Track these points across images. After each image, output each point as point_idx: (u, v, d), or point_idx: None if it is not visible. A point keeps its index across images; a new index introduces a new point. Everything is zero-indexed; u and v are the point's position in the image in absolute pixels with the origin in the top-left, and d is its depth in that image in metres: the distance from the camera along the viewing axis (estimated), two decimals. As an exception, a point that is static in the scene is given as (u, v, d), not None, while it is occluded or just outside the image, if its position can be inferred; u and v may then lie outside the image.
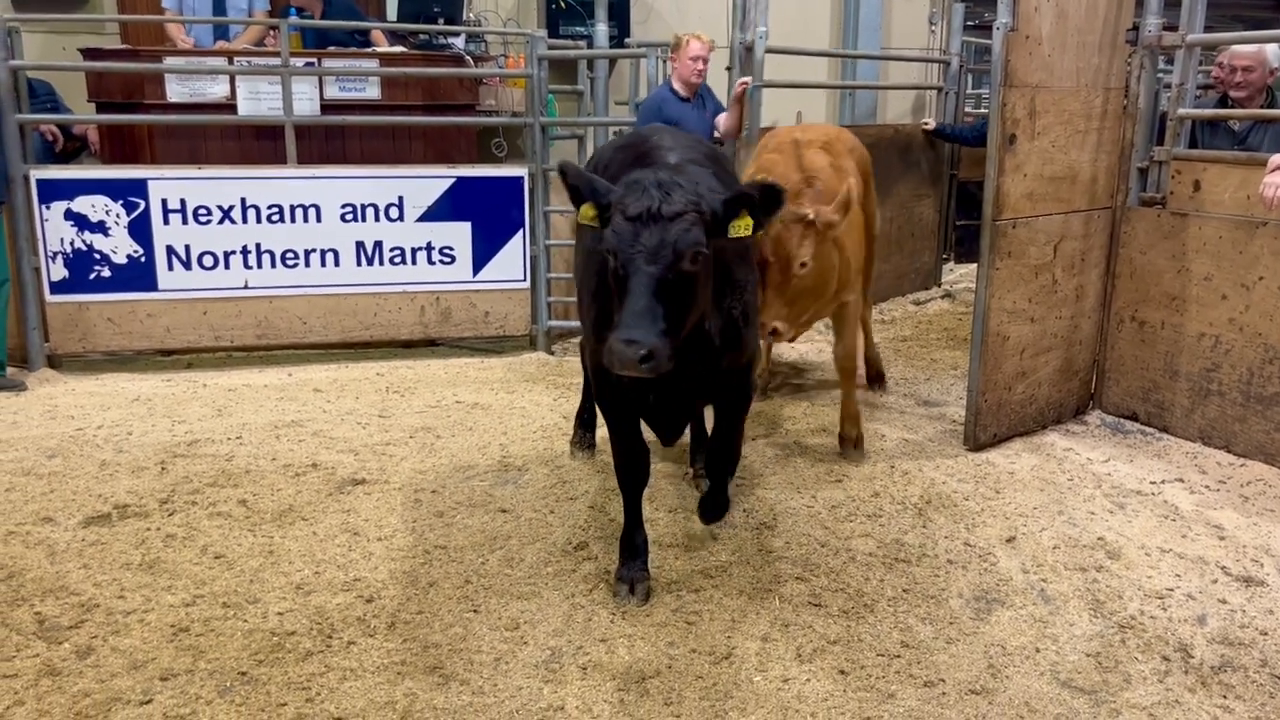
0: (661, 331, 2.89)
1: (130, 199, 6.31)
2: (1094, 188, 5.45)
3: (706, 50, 6.21)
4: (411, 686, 3.14)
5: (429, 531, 4.20)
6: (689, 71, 6.26)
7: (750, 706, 3.08)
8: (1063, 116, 5.11)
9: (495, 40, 9.15)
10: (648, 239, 2.96)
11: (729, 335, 3.46)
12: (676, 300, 2.98)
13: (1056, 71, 5.00)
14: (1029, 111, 4.92)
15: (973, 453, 5.16)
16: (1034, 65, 4.90)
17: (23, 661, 3.24)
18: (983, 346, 5.07)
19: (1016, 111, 4.88)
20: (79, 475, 4.72)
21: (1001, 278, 5.03)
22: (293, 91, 6.55)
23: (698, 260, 3.01)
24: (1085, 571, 3.96)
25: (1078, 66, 5.12)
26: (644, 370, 2.85)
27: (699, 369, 3.41)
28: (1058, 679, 3.26)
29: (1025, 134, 4.94)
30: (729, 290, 3.43)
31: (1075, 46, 5.07)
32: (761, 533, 4.24)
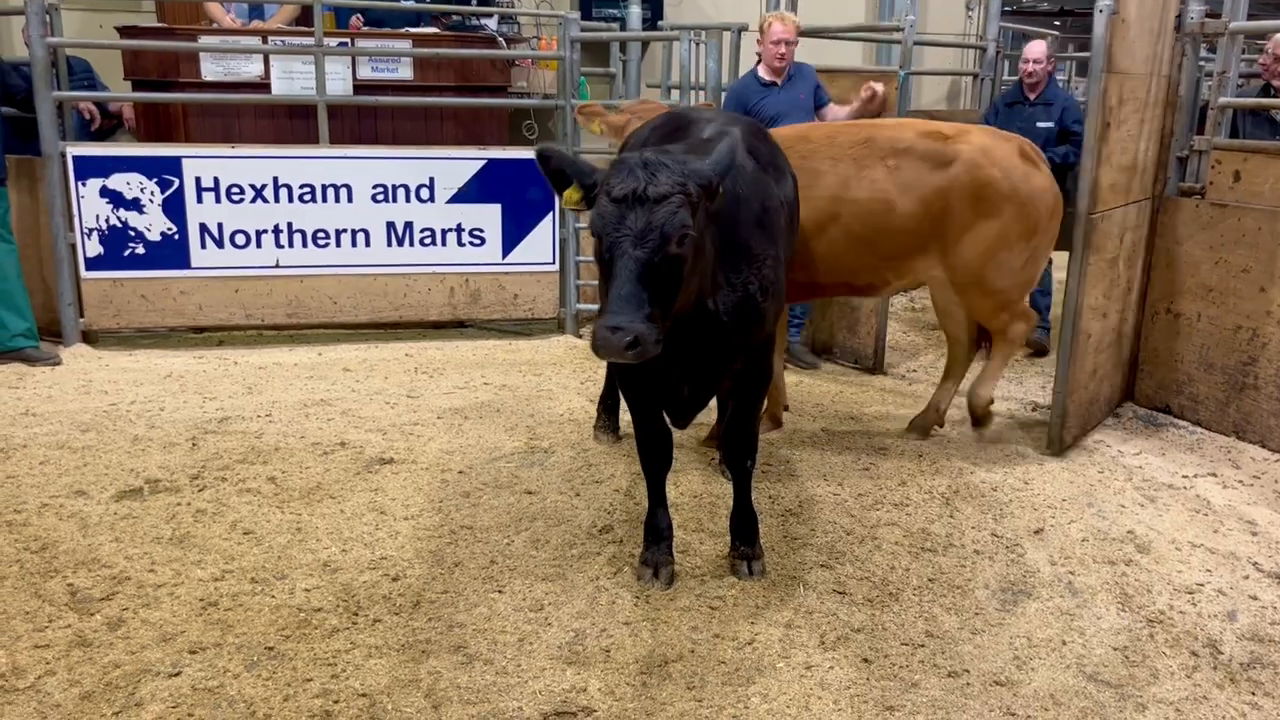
0: (647, 316, 2.82)
1: (165, 177, 6.37)
2: (1145, 177, 5.37)
3: (790, 32, 5.97)
4: (435, 665, 3.17)
5: (455, 511, 4.22)
6: (771, 55, 6.02)
7: (773, 693, 3.08)
8: (1136, 105, 5.05)
9: (528, 22, 9.13)
10: (633, 221, 2.88)
11: (743, 311, 3.35)
12: (663, 284, 2.89)
13: (1137, 58, 4.97)
14: (1119, 99, 4.83)
15: (1054, 458, 4.97)
16: (1124, 51, 4.79)
17: (55, 632, 3.29)
18: (1072, 346, 4.88)
19: (1111, 99, 4.73)
20: (112, 449, 4.78)
21: (1090, 274, 4.83)
22: (326, 71, 6.58)
23: (685, 243, 2.91)
24: (1114, 565, 3.92)
25: (1145, 54, 5.06)
26: (630, 357, 2.79)
27: (709, 347, 3.35)
28: (1084, 672, 3.24)
29: (1115, 123, 4.84)
30: (745, 263, 3.33)
31: (1146, 33, 5.01)
32: (787, 520, 4.23)
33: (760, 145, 3.81)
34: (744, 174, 3.41)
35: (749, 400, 3.75)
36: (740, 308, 3.34)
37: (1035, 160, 4.76)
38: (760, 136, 3.95)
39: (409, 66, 7.13)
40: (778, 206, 3.63)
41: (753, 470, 3.83)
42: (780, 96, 6.06)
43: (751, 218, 3.34)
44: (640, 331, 2.78)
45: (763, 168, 3.65)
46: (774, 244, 3.51)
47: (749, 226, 3.35)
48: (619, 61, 8.63)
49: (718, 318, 3.28)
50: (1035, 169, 4.71)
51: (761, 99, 6.05)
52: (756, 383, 3.73)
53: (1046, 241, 4.81)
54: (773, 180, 3.70)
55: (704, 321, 3.26)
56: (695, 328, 3.24)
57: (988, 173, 4.60)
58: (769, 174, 3.69)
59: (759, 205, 3.46)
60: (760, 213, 3.42)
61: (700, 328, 3.26)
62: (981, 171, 4.61)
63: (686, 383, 3.50)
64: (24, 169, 6.43)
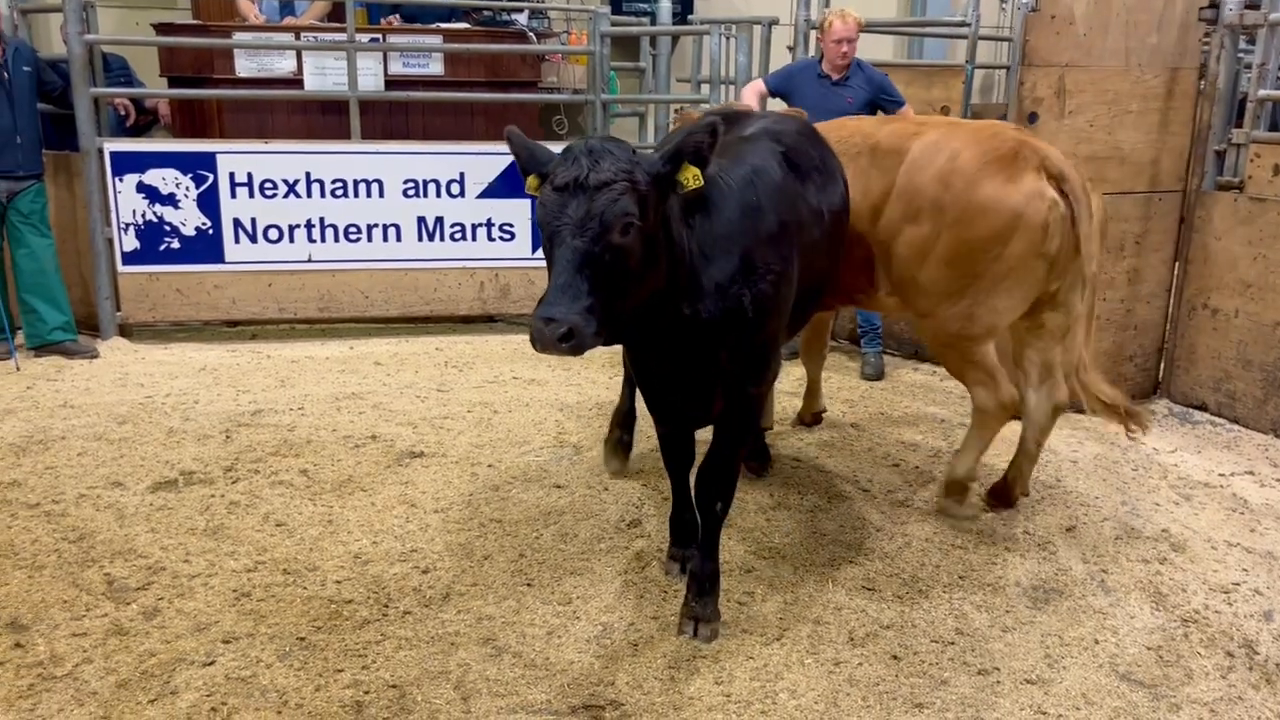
0: (586, 309, 2.64)
1: (199, 172, 6.44)
2: (1154, 170, 5.34)
3: (851, 30, 5.76)
4: (465, 657, 3.19)
5: (485, 505, 4.24)
6: (834, 54, 5.80)
7: (801, 689, 3.07)
8: (1104, 96, 5.22)
9: (558, 17, 9.14)
10: (574, 210, 2.72)
11: (730, 323, 3.09)
12: (606, 275, 2.70)
13: (1094, 51, 5.16)
14: (1055, 90, 5.10)
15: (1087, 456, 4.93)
16: (1063, 45, 5.13)
17: (92, 621, 3.34)
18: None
19: (1038, 90, 5.14)
20: (148, 441, 4.85)
21: None
22: (358, 67, 6.62)
23: (629, 232, 2.72)
24: (1148, 563, 3.88)
25: (1126, 46, 5.18)
26: (565, 350, 2.62)
27: (694, 357, 3.14)
28: (1116, 671, 3.21)
29: (1051, 113, 5.11)
30: (741, 274, 3.09)
31: (1122, 26, 5.13)
32: (815, 515, 4.22)
33: (806, 149, 3.66)
34: (763, 181, 3.25)
35: (727, 436, 3.38)
36: (727, 318, 3.09)
37: (1019, 168, 3.73)
38: (808, 139, 3.76)
39: (440, 62, 7.15)
40: (805, 221, 3.44)
41: (723, 516, 3.41)
42: (830, 93, 5.85)
43: (759, 228, 3.13)
44: (575, 324, 2.60)
45: (801, 175, 3.49)
46: (784, 260, 3.23)
47: (753, 236, 3.13)
48: (649, 56, 8.62)
49: (698, 324, 3.06)
50: (1002, 179, 3.71)
51: (810, 90, 5.83)
52: (740, 416, 3.36)
53: (1007, 273, 3.73)
54: (811, 189, 3.53)
55: (684, 328, 3.05)
56: (675, 334, 3.05)
57: (916, 178, 3.86)
58: (808, 181, 3.53)
59: (774, 218, 3.22)
60: (776, 226, 3.20)
61: (681, 335, 3.06)
62: (914, 175, 3.88)
63: (677, 394, 3.32)
64: (62, 164, 6.53)
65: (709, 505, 3.39)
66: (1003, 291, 3.77)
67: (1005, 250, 3.68)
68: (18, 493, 4.26)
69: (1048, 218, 3.67)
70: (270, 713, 2.90)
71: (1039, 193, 3.67)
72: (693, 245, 3.01)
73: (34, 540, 3.87)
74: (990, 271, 3.72)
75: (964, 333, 3.86)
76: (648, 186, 2.79)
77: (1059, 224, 3.70)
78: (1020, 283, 3.77)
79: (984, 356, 3.92)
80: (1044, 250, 3.70)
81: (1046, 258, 3.73)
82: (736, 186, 3.16)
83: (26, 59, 6.05)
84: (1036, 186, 3.68)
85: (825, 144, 3.91)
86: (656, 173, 2.82)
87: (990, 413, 3.98)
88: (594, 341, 2.68)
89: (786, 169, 3.42)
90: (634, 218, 2.73)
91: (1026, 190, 3.67)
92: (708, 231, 3.05)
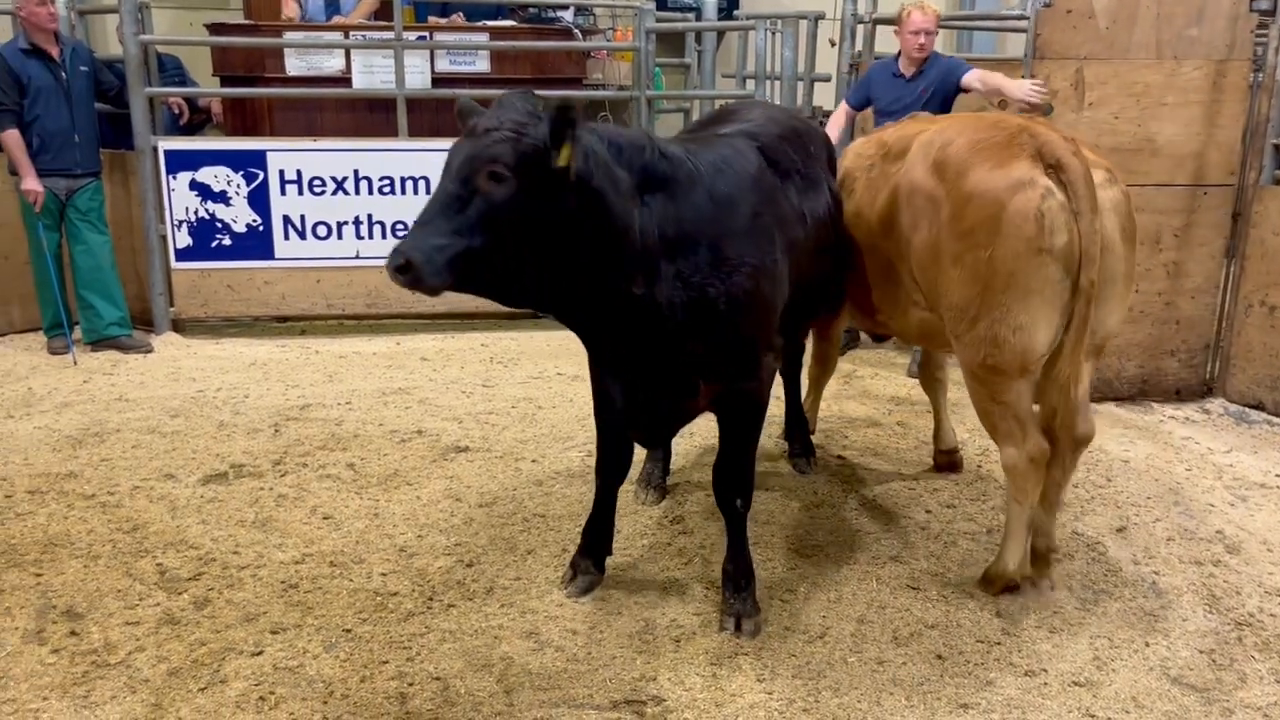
0: (435, 247, 2.60)
1: (250, 170, 6.54)
2: (1197, 163, 5.29)
3: (930, 22, 5.62)
4: (508, 650, 3.21)
5: (528, 499, 4.26)
6: (911, 46, 5.67)
7: (844, 687, 3.05)
8: (1131, 88, 5.23)
9: (604, 13, 9.15)
10: (456, 153, 2.72)
11: (699, 315, 3.02)
12: (466, 221, 2.65)
13: (1118, 44, 5.20)
14: (1073, 83, 5.19)
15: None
16: (1081, 38, 5.19)
17: (145, 610, 3.41)
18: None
19: (1053, 83, 5.21)
20: (199, 435, 4.93)
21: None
22: (405, 65, 6.68)
23: (498, 181, 2.65)
24: (1201, 565, 3.80)
25: (1158, 39, 5.19)
26: (401, 282, 2.61)
27: (653, 346, 3.07)
28: (1168, 675, 3.15)
29: (1068, 105, 5.19)
30: (709, 264, 3.02)
31: (1152, 19, 5.17)
32: (859, 513, 4.19)
33: (787, 150, 3.57)
34: (735, 172, 3.19)
35: (732, 433, 3.35)
36: (694, 309, 3.02)
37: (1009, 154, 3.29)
38: (792, 140, 3.65)
39: (486, 59, 7.20)
40: (786, 218, 3.37)
41: (745, 512, 3.39)
42: (904, 90, 5.72)
43: (731, 219, 3.08)
44: (414, 259, 2.58)
45: (781, 173, 3.45)
46: (762, 254, 3.14)
47: (723, 226, 3.06)
48: (694, 52, 8.61)
49: (658, 311, 2.99)
50: (989, 165, 3.29)
51: (886, 91, 5.75)
52: (741, 414, 3.31)
53: (1010, 277, 3.22)
54: (791, 190, 3.48)
55: (641, 313, 2.98)
56: (631, 319, 3.00)
57: (913, 174, 3.55)
58: (788, 181, 3.48)
59: (748, 210, 3.16)
60: (749, 219, 3.14)
61: (638, 320, 3.01)
62: (911, 172, 3.57)
63: (640, 387, 3.24)
64: (118, 163, 6.67)
65: (728, 503, 3.38)
66: (1016, 301, 3.23)
67: (998, 246, 3.21)
68: (74, 484, 4.36)
69: (1040, 207, 3.18)
70: (316, 703, 2.94)
71: (1027, 180, 3.21)
72: (649, 225, 2.94)
73: (89, 530, 3.95)
74: (995, 276, 3.23)
75: (991, 361, 3.32)
76: (538, 143, 2.70)
77: (1058, 216, 3.18)
78: (1032, 290, 3.22)
79: (1016, 399, 3.35)
80: (1044, 245, 3.18)
81: (1054, 257, 3.18)
82: (706, 173, 3.10)
83: (84, 59, 6.18)
84: (1026, 174, 3.22)
85: (811, 151, 3.77)
86: (541, 142, 2.71)
87: (1020, 472, 3.41)
88: (433, 280, 2.63)
89: (763, 164, 3.35)
90: (502, 167, 2.66)
91: (1014, 177, 3.22)
92: (670, 215, 2.98)
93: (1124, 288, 3.42)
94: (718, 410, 3.33)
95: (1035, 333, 3.25)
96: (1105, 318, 3.38)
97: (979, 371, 3.39)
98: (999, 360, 3.31)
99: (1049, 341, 3.28)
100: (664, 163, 3.00)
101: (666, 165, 3.00)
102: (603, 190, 2.82)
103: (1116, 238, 3.31)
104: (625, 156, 2.92)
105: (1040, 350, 3.29)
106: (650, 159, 2.98)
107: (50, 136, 6.00)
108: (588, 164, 2.78)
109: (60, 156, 6.04)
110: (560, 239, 2.79)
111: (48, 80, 5.98)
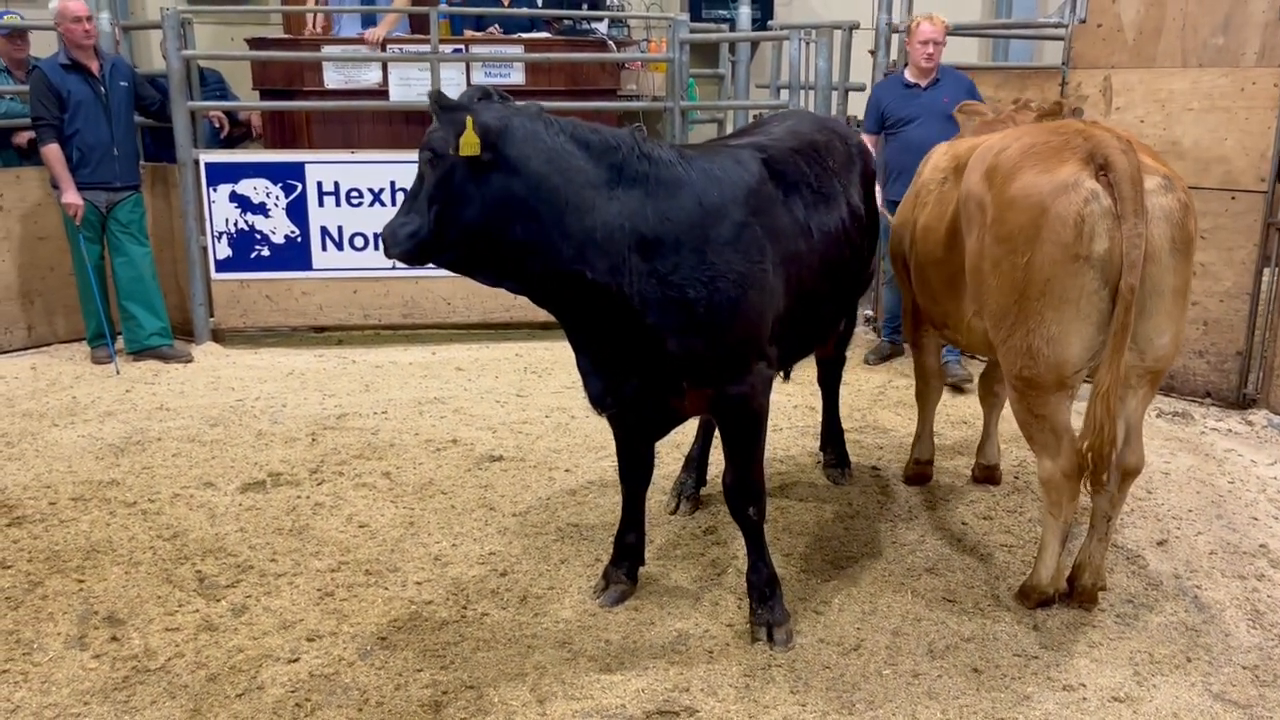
0: (399, 224, 3.00)
1: (289, 182, 6.62)
2: (1224, 167, 5.36)
3: (939, 33, 5.71)
4: (541, 660, 3.21)
5: (562, 509, 4.27)
6: (919, 56, 5.75)
7: (878, 700, 3.03)
8: (1156, 94, 5.55)
9: (638, 25, 9.19)
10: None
11: (673, 314, 3.06)
12: (421, 202, 2.99)
13: (1144, 54, 5.58)
14: (1101, 90, 5.67)
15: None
16: (1110, 49, 5.67)
17: (184, 616, 3.46)
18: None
19: (1083, 89, 5.72)
20: (238, 444, 5.00)
21: None
22: (441, 77, 6.73)
23: (433, 166, 2.96)
24: (1244, 580, 3.74)
25: (1182, 48, 5.44)
26: (389, 254, 3.04)
27: (628, 338, 3.12)
28: (1209, 691, 3.09)
29: (1096, 110, 5.55)
30: (687, 263, 3.05)
31: (1177, 30, 5.43)
32: (895, 525, 4.16)
33: (799, 163, 3.56)
34: (730, 181, 3.21)
35: (731, 442, 3.34)
36: (671, 309, 3.06)
37: (1061, 158, 3.19)
38: (807, 154, 3.64)
39: (521, 71, 7.24)
40: (784, 230, 3.33)
41: (759, 521, 3.38)
42: (921, 100, 5.80)
43: (718, 226, 3.10)
44: (384, 233, 3.03)
45: (786, 186, 3.42)
46: (751, 264, 3.15)
47: (708, 232, 3.09)
48: (728, 62, 8.60)
49: (625, 302, 3.04)
50: (1038, 169, 3.20)
51: (898, 101, 5.83)
52: (735, 420, 3.31)
53: (1045, 285, 3.14)
54: (797, 202, 3.44)
55: (603, 300, 3.04)
56: (590, 302, 3.06)
57: (969, 180, 3.52)
58: (794, 194, 3.44)
59: (738, 219, 3.16)
60: (738, 228, 3.14)
61: (601, 306, 3.06)
62: (969, 179, 3.53)
63: (619, 379, 3.24)
64: (159, 176, 6.78)
65: (741, 513, 3.38)
66: (1050, 311, 3.13)
67: (1035, 252, 3.12)
68: (116, 491, 4.43)
69: (1081, 211, 3.05)
70: (351, 710, 2.97)
71: (1073, 182, 3.08)
72: (614, 217, 3.02)
73: (131, 537, 4.01)
74: (1030, 283, 3.15)
75: (1026, 373, 3.25)
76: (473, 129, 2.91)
77: (1101, 220, 3.05)
78: (1066, 299, 3.11)
79: (1053, 412, 3.27)
80: (1082, 252, 3.06)
81: (1092, 264, 3.06)
82: (698, 180, 3.14)
83: (124, 74, 6.29)
84: (1073, 176, 3.10)
85: (829, 165, 3.72)
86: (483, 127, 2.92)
87: (1055, 485, 3.34)
88: (398, 252, 3.00)
89: (766, 176, 3.34)
90: (432, 149, 2.95)
91: (1060, 180, 3.11)
92: (646, 212, 3.05)
93: (1174, 304, 3.19)
94: (715, 418, 3.39)
95: (1069, 344, 3.16)
96: (1152, 335, 3.19)
97: (1016, 383, 3.34)
98: (1034, 372, 3.24)
99: (1084, 355, 3.18)
100: (643, 162, 3.08)
101: (645, 165, 3.08)
102: (543, 175, 2.96)
103: (1165, 247, 3.11)
104: (593, 151, 3.04)
105: (1075, 363, 3.19)
106: (625, 158, 3.06)
107: (90, 150, 6.11)
108: (524, 149, 2.95)
109: (100, 170, 6.15)
110: (500, 216, 2.97)
111: (87, 95, 6.09)
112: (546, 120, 3.06)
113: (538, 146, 2.97)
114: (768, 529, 3.88)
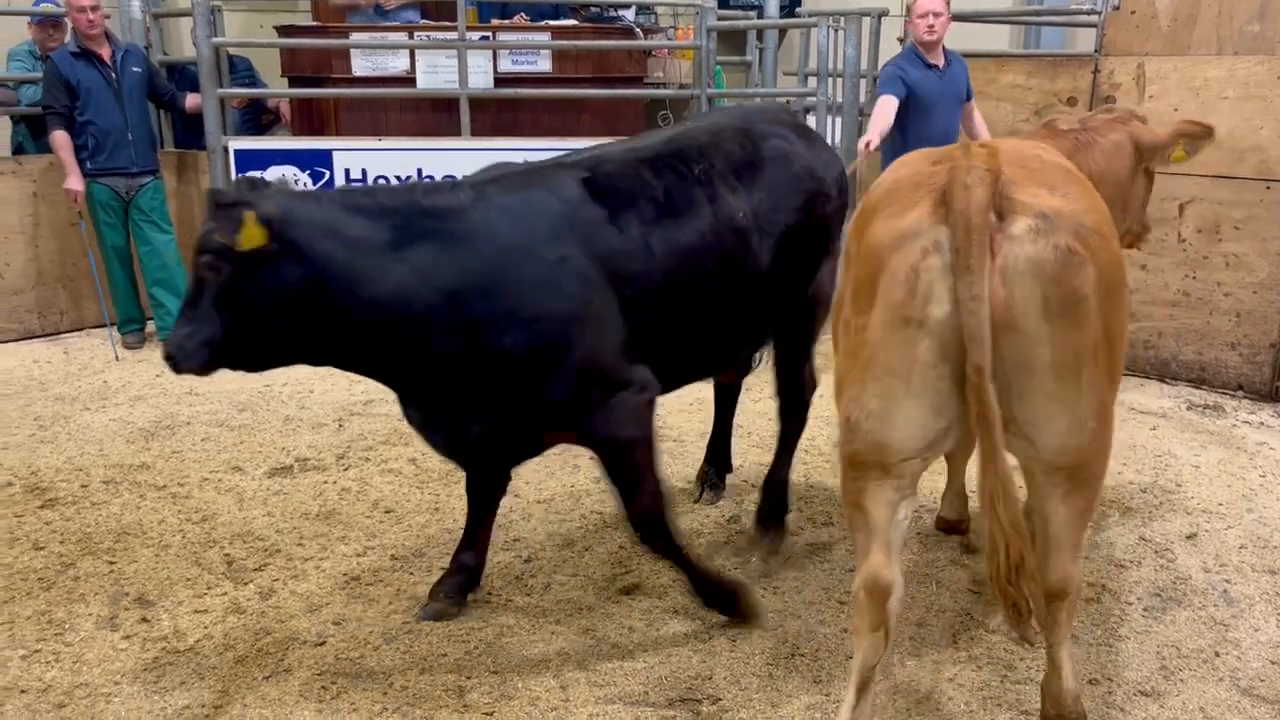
0: (186, 335, 2.83)
1: (317, 169, 6.66)
2: (1260, 156, 5.34)
3: (939, 3, 5.39)
4: (564, 646, 3.23)
5: (586, 497, 4.28)
6: (920, 29, 5.45)
7: (902, 690, 3.02)
8: (1190, 82, 5.51)
9: (665, 12, 9.15)
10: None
11: (496, 367, 2.93)
12: (207, 308, 2.82)
13: (1179, 41, 5.55)
14: (1134, 78, 5.65)
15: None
16: (1144, 37, 5.65)
17: (213, 599, 3.50)
18: None
19: (1116, 77, 5.72)
20: (265, 429, 5.04)
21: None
22: (468, 65, 6.74)
23: (216, 270, 2.78)
24: (1275, 574, 3.69)
25: (1218, 35, 5.42)
26: (172, 369, 2.89)
27: (459, 399, 3.02)
28: (1238, 686, 3.06)
29: (1129, 98, 5.58)
30: (501, 317, 2.90)
31: (1213, 17, 5.41)
32: (920, 515, 4.14)
33: (646, 176, 3.21)
34: (537, 216, 3.01)
35: (614, 479, 3.22)
36: (486, 360, 2.92)
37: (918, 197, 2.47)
38: (656, 165, 3.26)
39: (548, 59, 7.24)
40: (607, 255, 3.03)
41: (677, 546, 3.24)
42: (942, 82, 5.57)
43: (524, 266, 2.93)
44: (172, 349, 2.85)
45: (615, 205, 3.10)
46: (567, 299, 2.95)
47: (515, 275, 2.92)
48: (755, 50, 8.56)
49: (443, 364, 2.95)
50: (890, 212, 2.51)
51: (923, 79, 5.50)
52: (611, 459, 3.19)
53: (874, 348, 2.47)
54: (632, 221, 3.10)
55: (421, 364, 2.97)
56: (414, 369, 3.00)
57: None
58: (627, 213, 3.11)
59: (549, 254, 2.96)
60: (551, 263, 2.95)
61: (423, 371, 2.99)
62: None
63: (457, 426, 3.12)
64: (189, 163, 6.84)
65: (650, 546, 3.26)
66: (872, 380, 2.47)
67: (873, 314, 2.47)
68: (147, 475, 4.49)
69: (917, 265, 2.38)
70: (377, 694, 2.99)
71: (914, 231, 2.40)
72: (407, 280, 2.86)
73: (161, 521, 4.06)
74: (860, 345, 2.51)
75: (846, 449, 2.58)
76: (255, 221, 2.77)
77: (941, 278, 2.35)
78: (893, 370, 2.42)
79: (871, 505, 2.55)
80: (914, 315, 2.37)
81: (927, 331, 2.36)
82: (495, 221, 2.97)
83: (137, 61, 6.32)
84: (915, 224, 2.42)
85: (693, 174, 3.28)
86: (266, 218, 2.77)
87: (856, 603, 2.63)
88: (191, 366, 2.87)
89: (585, 197, 3.09)
90: (209, 254, 2.79)
91: (900, 229, 2.44)
92: (442, 268, 2.89)
93: (1058, 383, 2.36)
94: (598, 460, 3.25)
95: (890, 424, 2.46)
96: (1038, 421, 2.40)
97: (839, 459, 2.65)
98: (851, 448, 2.55)
99: (915, 441, 2.46)
100: (426, 219, 2.92)
101: (430, 221, 2.92)
102: (329, 252, 2.83)
103: (1031, 311, 2.32)
104: (369, 216, 2.90)
105: (898, 448, 2.47)
106: (405, 217, 2.91)
107: (104, 136, 6.15)
108: (305, 231, 2.81)
109: (115, 156, 6.19)
110: (296, 303, 2.83)
111: (98, 81, 6.11)
112: (315, 196, 3.03)
113: (318, 225, 2.84)
114: (793, 518, 3.89)
